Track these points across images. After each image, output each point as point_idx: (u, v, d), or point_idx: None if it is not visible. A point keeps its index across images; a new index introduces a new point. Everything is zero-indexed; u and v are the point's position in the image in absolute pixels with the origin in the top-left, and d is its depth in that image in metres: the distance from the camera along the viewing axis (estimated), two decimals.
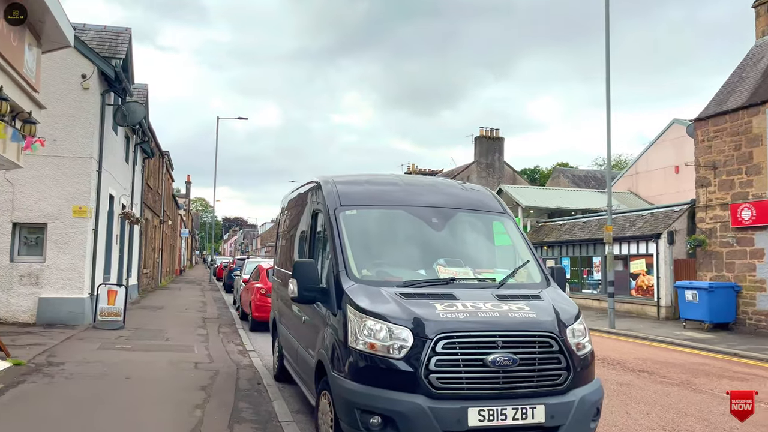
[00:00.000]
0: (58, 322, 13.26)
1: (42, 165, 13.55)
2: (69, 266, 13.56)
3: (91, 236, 14.02)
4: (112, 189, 16.49)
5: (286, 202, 9.66)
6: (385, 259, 6.01)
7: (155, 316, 16.51)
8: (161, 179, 32.94)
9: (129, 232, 20.78)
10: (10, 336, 11.19)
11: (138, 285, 23.92)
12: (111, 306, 13.50)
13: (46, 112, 13.55)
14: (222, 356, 10.56)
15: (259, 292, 14.85)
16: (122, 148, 18.52)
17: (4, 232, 13.32)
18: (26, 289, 13.31)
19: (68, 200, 13.67)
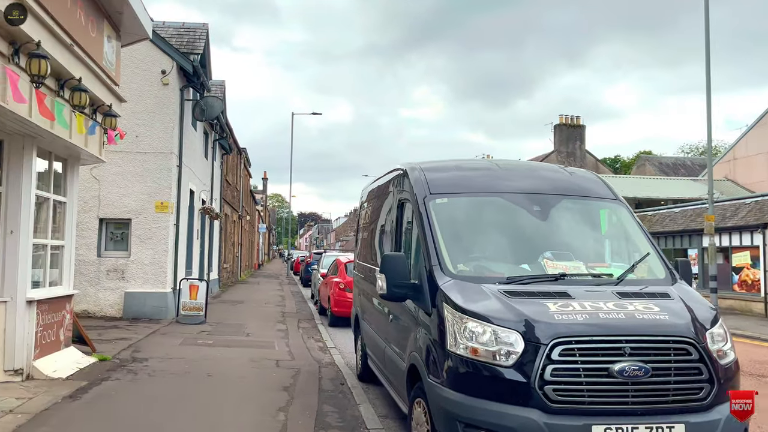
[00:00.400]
0: (142, 317, 13.42)
1: (125, 161, 13.73)
2: (152, 261, 13.69)
3: (172, 231, 14.11)
4: (192, 184, 16.63)
5: (366, 193, 9.19)
6: (482, 252, 5.39)
7: (235, 311, 16.54)
8: (239, 175, 33.48)
9: (209, 228, 21.05)
10: (97, 330, 11.33)
11: (219, 279, 24.30)
12: (193, 300, 13.52)
13: (128, 109, 13.70)
14: (303, 353, 10.25)
15: (337, 286, 14.53)
16: (201, 144, 18.70)
17: (91, 228, 13.59)
18: (113, 283, 13.54)
19: (150, 196, 13.80)
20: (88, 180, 13.57)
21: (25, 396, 6.18)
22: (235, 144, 29.08)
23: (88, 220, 13.56)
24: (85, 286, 13.42)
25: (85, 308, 13.37)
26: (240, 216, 33.81)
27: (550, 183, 5.95)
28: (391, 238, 6.60)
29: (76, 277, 13.26)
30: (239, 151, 32.89)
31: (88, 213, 13.58)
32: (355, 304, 9.46)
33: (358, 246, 9.54)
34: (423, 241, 5.27)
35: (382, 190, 7.75)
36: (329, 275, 16.50)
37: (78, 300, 13.16)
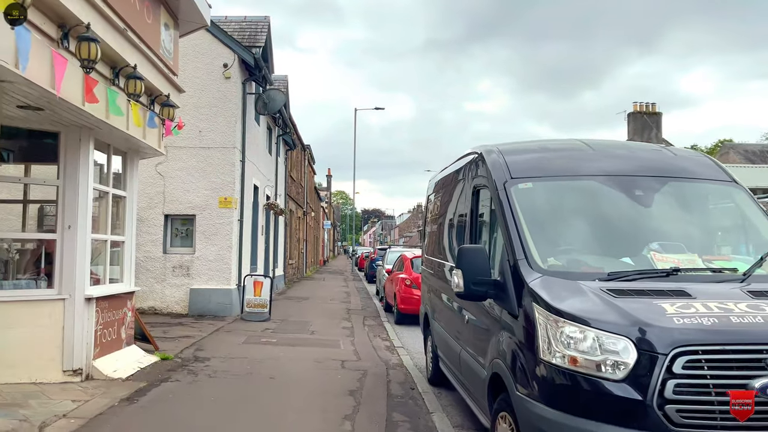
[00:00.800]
0: (207, 313, 13.28)
1: (188, 156, 13.62)
2: (216, 257, 13.53)
3: (236, 227, 13.92)
4: (256, 179, 16.45)
5: (433, 184, 8.56)
6: (575, 243, 4.66)
7: (300, 308, 16.26)
8: (303, 171, 33.47)
9: (274, 224, 20.93)
10: (162, 327, 11.20)
11: (284, 275, 24.23)
12: (257, 297, 13.27)
13: (190, 104, 13.60)
14: (369, 353, 9.73)
15: (404, 283, 13.96)
16: (265, 139, 18.54)
17: (157, 224, 13.56)
18: (178, 280, 13.47)
19: (214, 191, 13.64)
20: (153, 176, 13.55)
21: (81, 398, 5.91)
22: (299, 140, 29.00)
23: (153, 216, 13.54)
24: (151, 282, 13.41)
25: (151, 305, 13.36)
26: (305, 212, 33.82)
27: (651, 164, 5.14)
28: (465, 230, 5.95)
29: (142, 273, 13.29)
30: (303, 148, 32.87)
31: (154, 209, 13.55)
32: (423, 301, 8.86)
33: (426, 240, 8.93)
34: (504, 231, 4.60)
35: (452, 178, 7.11)
36: (395, 271, 15.97)
37: (144, 296, 13.15)
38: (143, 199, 13.48)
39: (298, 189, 30.74)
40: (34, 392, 5.96)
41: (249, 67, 14.35)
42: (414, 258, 14.66)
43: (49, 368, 6.41)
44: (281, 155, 22.92)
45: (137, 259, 13.33)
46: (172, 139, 13.45)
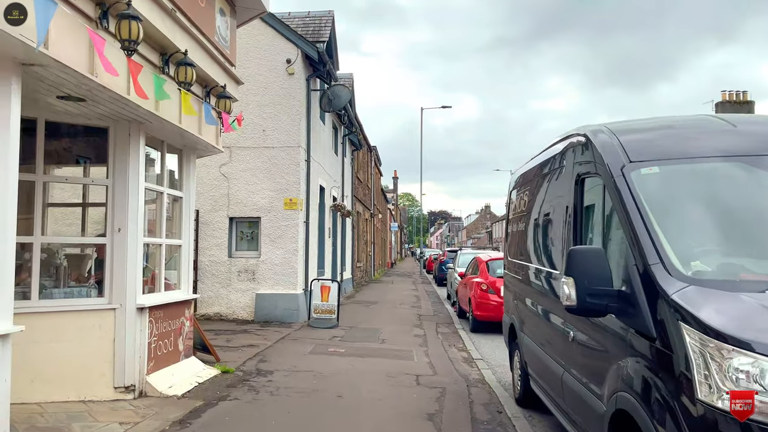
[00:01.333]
0: (273, 320, 12.73)
1: (252, 157, 13.14)
2: (282, 261, 12.98)
3: (302, 229, 13.33)
4: (321, 180, 15.86)
5: (518, 177, 7.59)
6: (722, 242, 3.62)
7: (369, 313, 15.53)
8: (370, 173, 32.90)
9: (341, 226, 20.34)
10: (226, 335, 10.70)
11: (352, 279, 23.64)
12: (324, 303, 12.62)
13: (254, 102, 13.12)
14: (445, 366, 8.83)
15: (479, 288, 12.96)
16: (330, 138, 17.97)
17: (222, 227, 13.15)
18: (244, 285, 13.00)
19: (279, 192, 13.10)
20: (217, 178, 13.15)
21: (131, 420, 5.32)
22: (365, 140, 28.41)
23: (218, 219, 13.14)
24: (216, 287, 13.00)
25: (217, 311, 12.94)
26: (372, 214, 33.23)
27: None
28: (565, 228, 4.97)
29: (207, 278, 12.89)
30: (369, 149, 32.30)
31: (218, 212, 13.15)
32: (507, 310, 7.88)
33: (509, 241, 7.95)
34: (627, 228, 3.62)
35: (543, 168, 6.13)
36: (468, 275, 14.98)
37: (210, 302, 12.74)
38: (207, 202, 13.10)
39: (365, 190, 30.16)
40: (80, 413, 5.41)
41: (313, 63, 13.75)
42: (490, 261, 13.65)
43: (100, 384, 5.88)
44: (347, 156, 22.34)
45: (202, 263, 12.99)
46: (235, 139, 13.04)
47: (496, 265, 13.57)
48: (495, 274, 13.24)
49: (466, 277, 15.11)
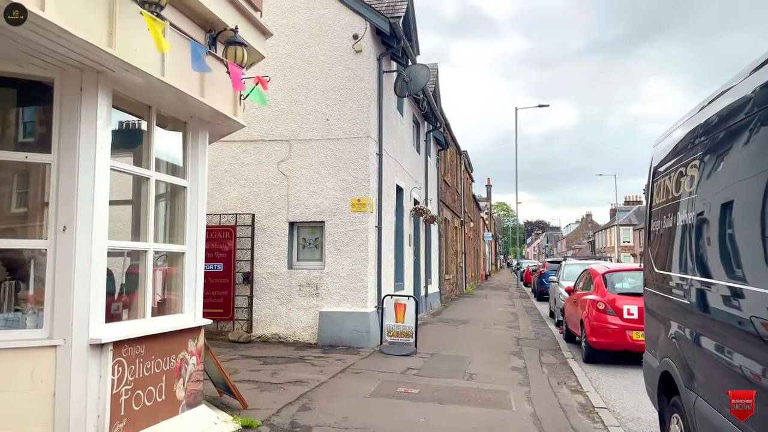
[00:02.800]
0: (339, 343, 10.64)
1: (315, 151, 11.18)
2: (350, 273, 10.88)
3: (373, 235, 11.18)
4: (398, 179, 13.68)
5: (670, 144, 5.04)
6: None
7: (456, 335, 13.10)
8: (459, 177, 30.43)
9: (425, 233, 18.07)
10: (275, 365, 8.70)
11: (440, 293, 21.25)
12: (399, 324, 10.38)
13: (316, 86, 11.16)
14: (557, 421, 6.31)
15: (594, 307, 10.24)
16: (410, 133, 15.79)
17: (281, 234, 11.25)
18: (306, 301, 11.01)
19: (345, 192, 11.04)
20: (275, 176, 11.29)
21: None
22: (452, 140, 26.03)
23: (276, 224, 11.25)
24: (275, 304, 11.09)
25: (275, 332, 11.02)
26: (462, 222, 30.70)
27: None
28: None
29: (265, 293, 11.00)
30: (458, 150, 29.86)
31: (276, 216, 11.26)
32: (653, 346, 5.29)
33: (655, 244, 5.38)
34: None
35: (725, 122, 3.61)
36: (578, 290, 12.23)
37: (268, 322, 10.86)
38: (264, 205, 11.26)
39: (454, 196, 27.72)
40: None
41: (385, 39, 11.63)
42: (608, 273, 10.86)
43: None
44: (432, 155, 20.07)
45: (258, 276, 11.11)
46: (295, 131, 11.14)
47: (616, 279, 10.78)
48: (614, 289, 10.47)
49: (575, 293, 12.36)
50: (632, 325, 9.86)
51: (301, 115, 11.26)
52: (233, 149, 11.42)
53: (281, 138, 11.32)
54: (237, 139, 11.40)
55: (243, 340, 10.82)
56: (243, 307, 11.12)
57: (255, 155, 11.37)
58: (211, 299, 11.04)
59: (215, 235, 11.16)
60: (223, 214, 11.37)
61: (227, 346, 10.36)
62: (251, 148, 11.38)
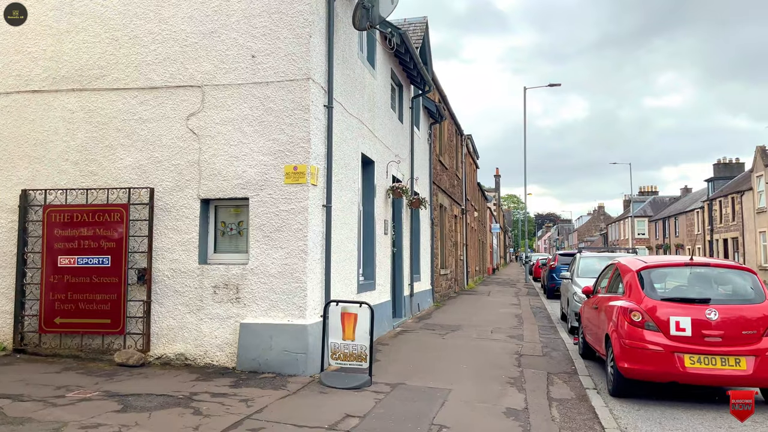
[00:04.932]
0: (265, 369, 7.57)
1: (236, 100, 8.08)
2: (282, 269, 7.79)
3: (318, 217, 8.09)
4: (367, 147, 10.55)
5: None
6: None
7: (440, 349, 10.00)
8: (459, 160, 27.22)
9: (411, 219, 14.93)
10: (136, 414, 5.62)
11: (432, 290, 18.13)
12: (348, 342, 7.28)
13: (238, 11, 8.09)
14: None
15: (628, 319, 7.10)
16: (386, 93, 12.63)
17: (190, 215, 8.18)
18: (223, 308, 7.93)
19: (278, 156, 7.94)
20: (182, 136, 8.21)
21: None
22: (450, 116, 22.84)
23: (185, 202, 8.17)
24: (182, 312, 8.03)
25: (181, 350, 7.96)
26: (463, 210, 27.52)
27: None
28: None
29: (167, 297, 7.91)
30: (459, 131, 26.65)
31: (184, 190, 8.18)
32: None
33: None
34: None
35: None
36: (601, 291, 9.08)
37: (171, 337, 7.84)
38: (167, 176, 8.20)
39: (453, 180, 24.53)
40: None
41: None
42: (645, 270, 7.66)
43: None
44: (421, 128, 16.89)
45: (159, 273, 8.03)
46: (210, 73, 8.05)
47: (658, 278, 7.62)
48: (656, 293, 7.32)
49: (596, 296, 9.21)
50: (684, 345, 6.75)
51: (218, 51, 8.15)
52: (128, 100, 8.34)
53: (191, 83, 8.21)
54: (132, 86, 8.31)
55: (134, 363, 7.77)
56: (137, 317, 8.06)
57: (156, 108, 8.28)
58: (94, 305, 8.02)
59: (99, 218, 8.11)
60: (113, 188, 8.30)
61: (105, 373, 7.32)
62: (151, 98, 8.29)
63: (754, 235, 40.02)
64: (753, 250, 40.00)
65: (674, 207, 63.75)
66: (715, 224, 47.41)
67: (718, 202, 46.93)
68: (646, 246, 67.18)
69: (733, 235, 43.93)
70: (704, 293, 7.17)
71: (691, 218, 54.64)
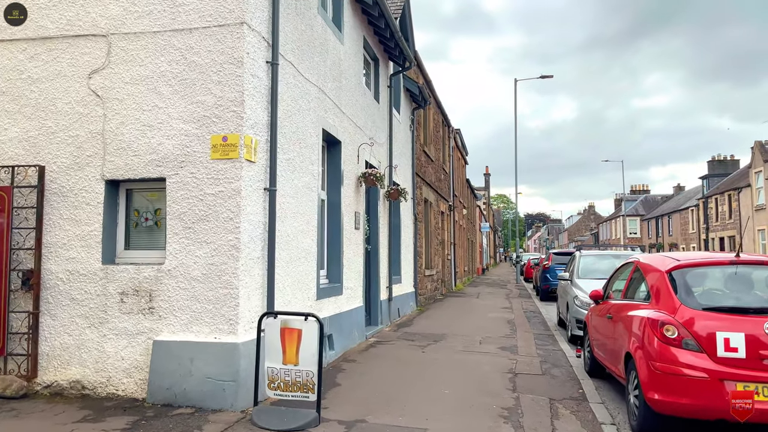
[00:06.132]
0: (183, 403, 5.76)
1: (150, 52, 6.26)
2: (208, 271, 5.98)
3: (257, 202, 6.30)
4: (331, 122, 8.75)
5: None
6: None
7: (417, 365, 8.21)
8: (447, 153, 25.49)
9: (389, 213, 13.15)
10: None
11: (415, 293, 16.35)
12: (290, 367, 5.48)
13: None
14: None
15: (658, 334, 5.36)
16: (358, 64, 10.83)
17: (91, 201, 6.35)
18: (131, 321, 6.12)
19: (201, 124, 6.14)
20: (81, 100, 6.37)
21: None
22: (436, 104, 21.11)
23: (86, 184, 6.35)
24: (80, 327, 6.19)
25: (77, 376, 6.12)
26: (451, 206, 25.78)
27: None
28: None
29: (62, 307, 5.86)
30: (446, 122, 24.92)
31: (86, 169, 6.35)
32: None
33: None
34: None
35: None
36: (614, 297, 7.34)
37: (67, 359, 6.00)
38: (65, 151, 6.38)
39: (440, 174, 22.79)
40: None
41: None
42: (678, 270, 5.89)
43: None
44: (402, 111, 15.13)
45: (50, 276, 6.13)
46: (118, 18, 6.10)
47: (696, 281, 5.87)
48: (695, 301, 5.57)
49: (608, 302, 7.46)
50: (736, 371, 5.01)
51: None
52: (14, 53, 6.49)
53: (94, 32, 6.38)
54: (19, 36, 6.45)
55: (12, 394, 5.93)
56: (21, 333, 6.22)
57: (50, 64, 6.45)
58: None
59: None
60: None
61: None
62: (44, 51, 6.45)
63: (752, 233, 38.62)
64: (751, 248, 38.60)
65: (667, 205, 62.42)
66: (710, 222, 46.02)
67: (714, 200, 45.54)
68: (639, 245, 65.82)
69: (730, 234, 42.54)
70: (761, 301, 5.45)
71: (685, 216, 53.25)
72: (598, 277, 11.82)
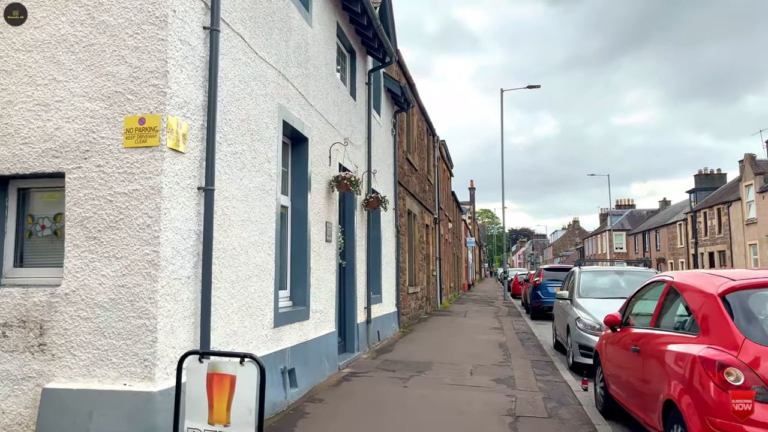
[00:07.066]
0: None
1: (48, 10, 4.81)
2: (117, 295, 4.50)
3: (188, 205, 4.85)
4: (296, 113, 7.31)
5: None
6: None
7: (396, 407, 6.74)
8: (432, 163, 24.17)
9: (368, 225, 11.72)
10: None
11: (397, 313, 14.89)
12: (216, 428, 3.99)
13: None
14: None
15: (717, 378, 3.96)
16: (330, 53, 9.44)
17: None
18: (15, 362, 4.61)
19: (112, 102, 4.69)
20: None
21: None
22: (417, 105, 19.81)
23: None
24: None
25: None
26: (436, 219, 24.42)
27: None
28: None
29: None
30: (431, 131, 23.63)
31: None
32: None
33: None
34: None
35: None
36: (636, 324, 5.95)
37: None
38: None
39: (424, 185, 21.43)
40: None
41: None
42: (733, 293, 4.51)
43: None
44: (382, 113, 13.77)
45: None
46: None
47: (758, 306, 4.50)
48: (763, 334, 4.19)
49: (629, 329, 6.07)
50: None
51: None
52: None
53: None
54: None
55: None
56: None
57: None
58: None
59: None
60: None
61: None
62: None
63: (743, 248, 37.70)
64: (742, 263, 37.64)
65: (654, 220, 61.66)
66: (699, 237, 45.13)
67: (703, 214, 44.70)
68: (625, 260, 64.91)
69: (719, 248, 41.62)
70: None
71: (673, 231, 52.39)
72: (603, 296, 10.51)
